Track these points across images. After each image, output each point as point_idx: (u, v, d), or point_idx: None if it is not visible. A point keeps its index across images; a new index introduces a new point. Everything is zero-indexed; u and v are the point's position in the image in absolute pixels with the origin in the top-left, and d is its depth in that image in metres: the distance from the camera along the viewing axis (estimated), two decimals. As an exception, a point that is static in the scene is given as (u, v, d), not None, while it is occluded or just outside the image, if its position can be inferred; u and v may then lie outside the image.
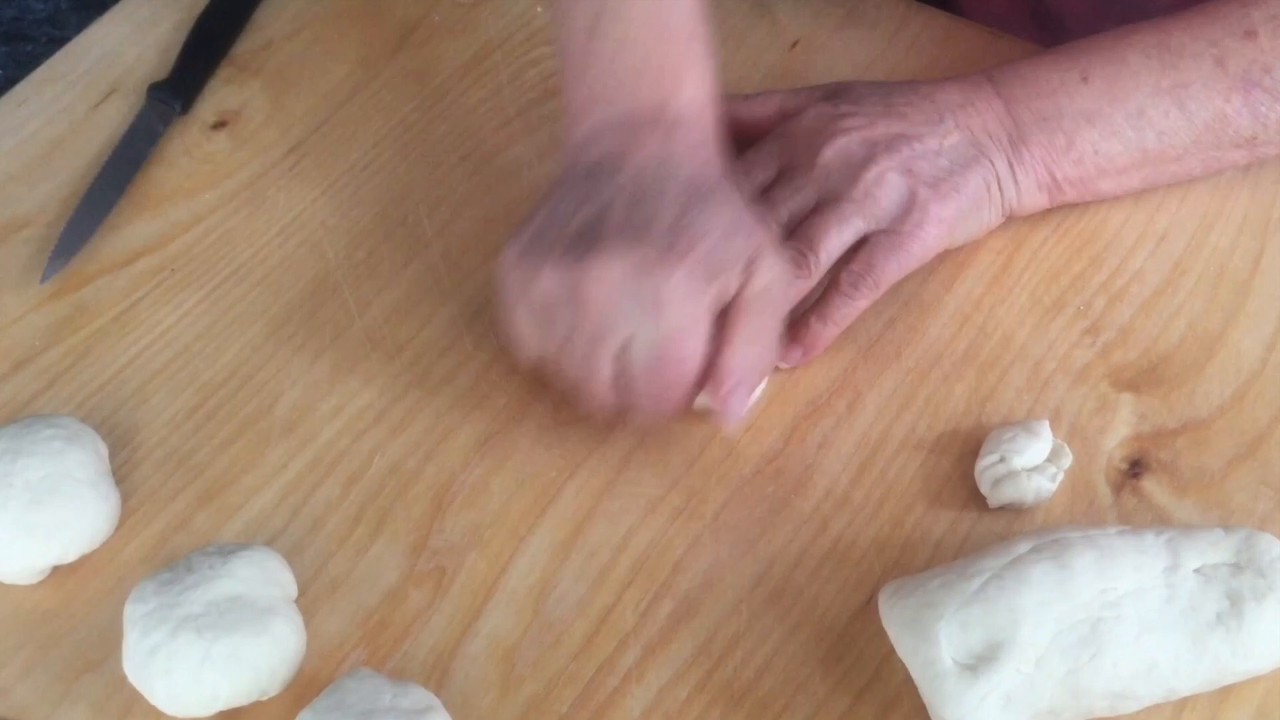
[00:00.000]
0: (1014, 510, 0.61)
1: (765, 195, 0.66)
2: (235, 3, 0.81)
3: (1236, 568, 0.53)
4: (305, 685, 0.57)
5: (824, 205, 0.64)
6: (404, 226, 0.72)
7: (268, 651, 0.56)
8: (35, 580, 0.61)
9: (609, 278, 0.55)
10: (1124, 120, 0.65)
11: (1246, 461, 0.62)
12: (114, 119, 0.77)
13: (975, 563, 0.54)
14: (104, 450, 0.63)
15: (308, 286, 0.70)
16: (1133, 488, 0.61)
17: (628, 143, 0.58)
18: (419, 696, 0.54)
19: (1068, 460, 0.61)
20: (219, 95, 0.78)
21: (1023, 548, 0.54)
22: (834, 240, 0.63)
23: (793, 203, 0.65)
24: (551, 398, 0.64)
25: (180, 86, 0.77)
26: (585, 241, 0.56)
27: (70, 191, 0.74)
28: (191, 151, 0.76)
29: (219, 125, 0.77)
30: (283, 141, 0.76)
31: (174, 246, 0.72)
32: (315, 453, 0.64)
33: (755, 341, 0.58)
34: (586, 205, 0.57)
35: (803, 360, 0.65)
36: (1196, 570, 0.53)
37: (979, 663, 0.52)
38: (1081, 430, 0.63)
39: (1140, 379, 0.65)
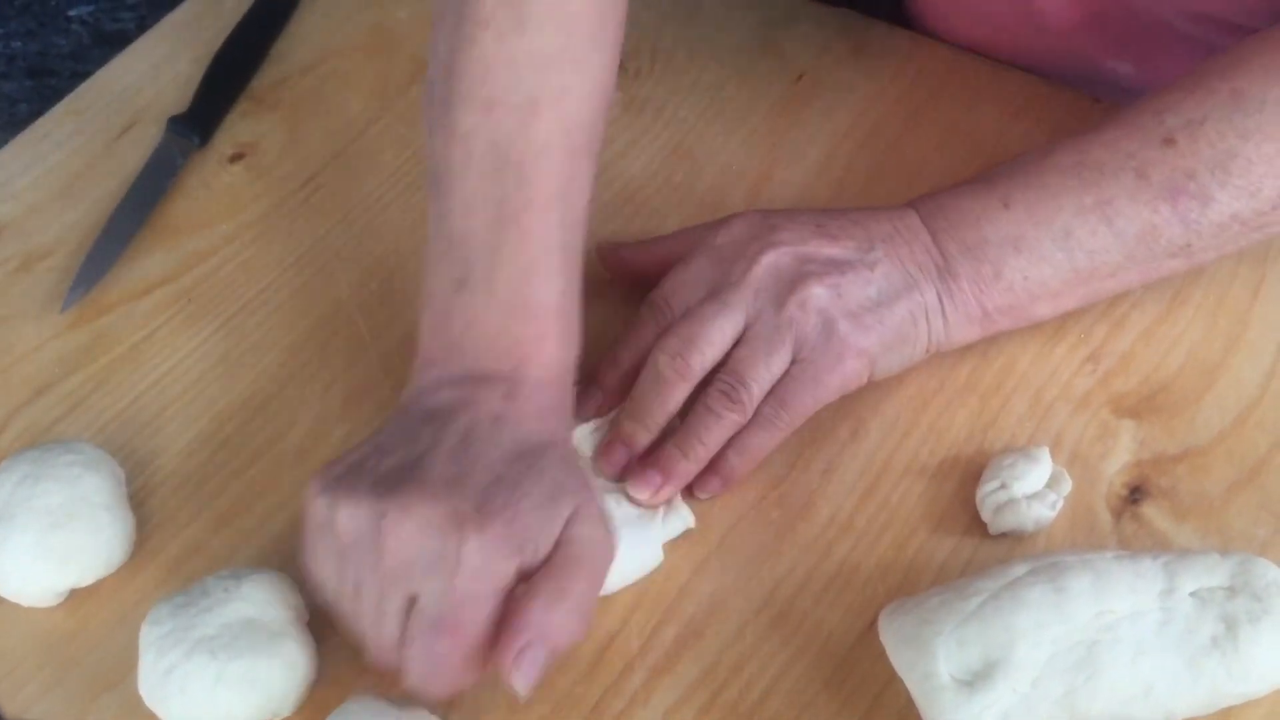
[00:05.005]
0: (1015, 536, 0.61)
1: (693, 313, 0.63)
2: (253, 38, 0.83)
3: (1231, 591, 0.54)
4: (317, 707, 0.58)
5: (752, 333, 0.63)
6: (416, 257, 0.72)
7: (280, 673, 0.57)
8: (54, 603, 0.62)
9: (409, 525, 0.52)
10: (1051, 243, 0.62)
11: (1246, 488, 0.62)
12: (134, 152, 0.78)
13: (973, 583, 0.55)
14: (121, 476, 0.64)
15: (322, 316, 0.71)
16: (1133, 514, 0.62)
17: (470, 396, 0.57)
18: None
19: (1067, 486, 0.62)
20: (237, 128, 0.80)
21: (1020, 570, 0.55)
22: (763, 373, 0.62)
23: (723, 321, 0.63)
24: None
25: (199, 120, 0.79)
26: (396, 482, 0.53)
27: (91, 222, 0.75)
28: (209, 183, 0.77)
29: (236, 158, 0.78)
30: (299, 173, 0.77)
31: (191, 277, 0.73)
32: (328, 478, 0.65)
33: (558, 604, 0.53)
34: (409, 447, 0.55)
35: (720, 490, 0.63)
36: (1192, 594, 0.54)
37: (976, 680, 0.52)
38: (1082, 457, 0.64)
39: (1141, 406, 0.65)
